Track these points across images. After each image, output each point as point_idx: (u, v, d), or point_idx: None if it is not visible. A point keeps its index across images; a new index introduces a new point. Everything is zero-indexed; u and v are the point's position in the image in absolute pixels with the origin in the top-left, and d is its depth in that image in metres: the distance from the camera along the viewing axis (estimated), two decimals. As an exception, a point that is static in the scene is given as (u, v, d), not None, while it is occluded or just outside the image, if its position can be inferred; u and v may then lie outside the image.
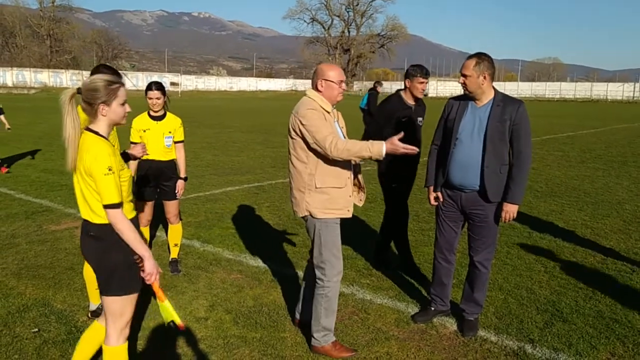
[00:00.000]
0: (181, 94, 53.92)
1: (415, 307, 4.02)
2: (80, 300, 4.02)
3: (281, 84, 79.11)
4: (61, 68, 61.97)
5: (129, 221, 2.43)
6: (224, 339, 3.50)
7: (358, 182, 3.45)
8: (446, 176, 3.55)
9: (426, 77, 4.44)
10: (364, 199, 3.51)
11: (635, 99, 59.54)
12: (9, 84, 53.09)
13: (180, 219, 4.87)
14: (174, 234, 4.81)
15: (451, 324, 3.75)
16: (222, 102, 43.38)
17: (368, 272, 4.76)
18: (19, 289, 4.25)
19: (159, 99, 4.46)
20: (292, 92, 68.18)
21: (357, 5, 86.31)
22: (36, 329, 3.57)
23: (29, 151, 11.69)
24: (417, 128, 4.53)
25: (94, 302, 3.74)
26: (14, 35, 70.37)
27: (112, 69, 3.55)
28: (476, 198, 3.49)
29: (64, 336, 3.48)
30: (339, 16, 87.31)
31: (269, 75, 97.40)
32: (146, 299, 3.74)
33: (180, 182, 4.67)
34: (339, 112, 3.41)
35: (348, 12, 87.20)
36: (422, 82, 4.44)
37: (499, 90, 3.48)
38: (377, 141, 3.00)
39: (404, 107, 4.49)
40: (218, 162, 11.11)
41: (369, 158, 3.04)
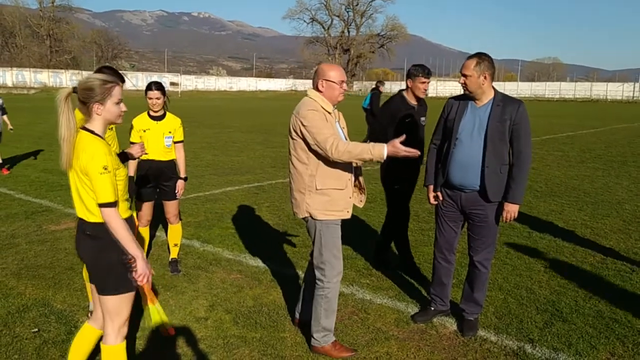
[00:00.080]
0: (181, 94, 53.85)
1: (415, 307, 4.03)
2: (80, 300, 4.02)
3: (281, 84, 79.03)
4: (61, 68, 61.83)
5: (123, 220, 2.43)
6: (223, 339, 3.50)
7: (359, 183, 3.45)
8: (446, 176, 3.55)
9: (428, 76, 4.45)
10: (364, 200, 3.50)
11: (635, 98, 59.49)
12: (9, 84, 53.00)
13: (180, 219, 4.88)
14: (174, 234, 4.81)
15: (451, 324, 3.75)
16: (222, 102, 43.35)
17: (368, 272, 4.76)
18: (18, 289, 4.25)
19: (158, 99, 4.46)
20: (292, 92, 68.15)
21: (356, 5, 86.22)
22: (36, 329, 3.58)
23: (29, 152, 11.69)
24: (421, 128, 4.54)
25: (94, 302, 3.74)
26: (14, 35, 70.23)
27: (114, 70, 3.54)
28: (476, 198, 3.49)
29: (63, 336, 3.48)
30: (338, 16, 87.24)
31: (268, 75, 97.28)
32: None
33: (180, 182, 4.68)
34: (340, 112, 3.41)
35: (348, 12, 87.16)
36: (424, 82, 4.44)
37: (499, 90, 3.49)
38: (379, 144, 2.99)
39: (406, 108, 4.50)
40: (218, 162, 11.11)
41: (370, 160, 3.04)
